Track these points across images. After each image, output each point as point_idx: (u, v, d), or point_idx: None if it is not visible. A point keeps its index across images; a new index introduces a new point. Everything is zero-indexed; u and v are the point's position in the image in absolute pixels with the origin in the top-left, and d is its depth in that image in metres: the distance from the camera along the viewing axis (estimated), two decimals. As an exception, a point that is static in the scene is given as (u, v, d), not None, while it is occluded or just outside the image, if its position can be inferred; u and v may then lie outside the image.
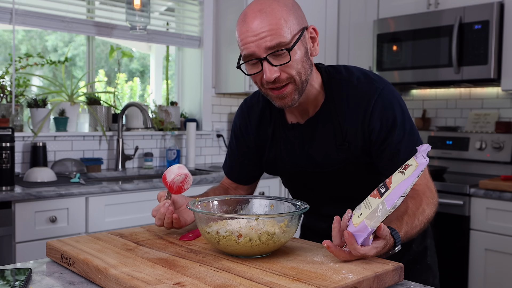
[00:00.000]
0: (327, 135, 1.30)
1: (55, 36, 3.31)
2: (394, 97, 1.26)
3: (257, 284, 0.88)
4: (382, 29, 3.35)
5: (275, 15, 1.14)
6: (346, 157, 1.29)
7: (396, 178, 0.99)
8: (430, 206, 1.20)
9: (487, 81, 3.01)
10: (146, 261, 1.02)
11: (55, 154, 2.92)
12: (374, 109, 1.24)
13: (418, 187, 1.23)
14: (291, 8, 1.18)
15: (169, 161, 3.33)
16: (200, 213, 1.07)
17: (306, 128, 1.32)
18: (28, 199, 2.25)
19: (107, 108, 3.15)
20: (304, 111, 1.32)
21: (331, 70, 1.31)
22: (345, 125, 1.27)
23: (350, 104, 1.26)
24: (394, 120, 1.24)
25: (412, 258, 1.41)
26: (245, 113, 1.45)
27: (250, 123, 1.43)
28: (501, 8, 2.90)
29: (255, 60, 1.17)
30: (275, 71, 1.16)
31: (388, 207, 0.97)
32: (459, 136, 3.28)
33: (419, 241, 1.43)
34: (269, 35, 1.13)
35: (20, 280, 0.96)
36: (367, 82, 1.27)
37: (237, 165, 1.50)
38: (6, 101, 2.79)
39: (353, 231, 1.00)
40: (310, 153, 1.33)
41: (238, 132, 1.47)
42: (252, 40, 1.15)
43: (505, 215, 2.60)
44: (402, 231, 1.09)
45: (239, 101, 3.88)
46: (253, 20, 1.15)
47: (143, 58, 3.82)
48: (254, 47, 1.15)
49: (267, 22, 1.14)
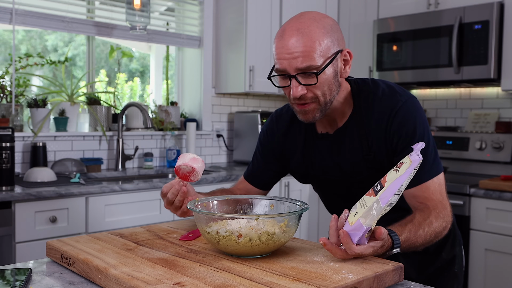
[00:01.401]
0: (354, 146, 1.34)
1: (55, 36, 3.32)
2: (416, 110, 1.29)
3: (257, 284, 0.88)
4: (382, 29, 3.35)
5: (311, 37, 1.18)
6: (372, 166, 1.32)
7: (391, 176, 0.99)
8: (439, 220, 1.20)
9: (487, 81, 3.01)
10: (146, 261, 1.02)
11: (55, 154, 2.92)
12: (395, 119, 1.27)
13: (430, 202, 1.23)
14: (329, 31, 1.22)
15: (169, 161, 3.33)
16: (200, 213, 1.07)
17: (335, 138, 1.37)
18: (28, 199, 2.25)
19: (107, 108, 3.15)
20: (333, 121, 1.37)
21: (360, 83, 1.36)
22: (370, 135, 1.31)
23: (375, 115, 1.30)
24: (414, 131, 1.26)
25: (441, 265, 1.43)
26: (274, 122, 1.51)
27: (278, 131, 1.48)
28: (501, 8, 2.90)
29: (285, 75, 1.23)
30: (301, 89, 1.22)
31: (383, 205, 0.98)
32: (459, 136, 3.28)
33: (449, 249, 1.45)
34: (301, 56, 1.18)
35: (20, 280, 0.96)
36: (391, 94, 1.30)
37: (259, 171, 1.55)
38: (6, 101, 2.79)
39: (348, 230, 1.00)
40: (338, 162, 1.37)
41: (264, 138, 1.53)
42: (285, 57, 1.20)
43: (505, 215, 2.60)
44: (403, 236, 1.10)
45: (239, 101, 3.88)
46: (290, 38, 1.19)
47: (143, 58, 3.82)
48: (286, 64, 1.21)
49: (302, 43, 1.18)
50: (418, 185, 1.24)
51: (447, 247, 1.45)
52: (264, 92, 3.59)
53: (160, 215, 2.68)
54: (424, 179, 1.24)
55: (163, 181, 2.68)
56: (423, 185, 1.24)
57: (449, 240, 1.46)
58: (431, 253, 1.42)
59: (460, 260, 1.49)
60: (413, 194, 1.26)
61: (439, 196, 1.25)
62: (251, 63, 3.45)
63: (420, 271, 1.41)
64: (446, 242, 1.45)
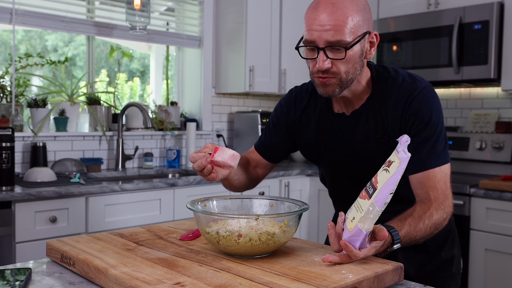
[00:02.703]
0: (369, 128, 1.35)
1: (55, 36, 3.31)
2: (434, 98, 1.31)
3: (257, 284, 0.88)
4: (382, 29, 3.35)
5: (345, 12, 1.19)
6: (385, 150, 1.32)
7: (382, 177, 0.99)
8: (440, 212, 1.20)
9: (487, 81, 3.01)
10: (146, 261, 1.02)
11: (55, 154, 2.92)
12: (412, 104, 1.29)
13: (433, 192, 1.24)
14: (362, 9, 1.23)
15: (169, 161, 3.33)
16: (200, 213, 1.07)
17: (350, 119, 1.38)
18: (28, 199, 2.25)
19: (107, 108, 3.15)
20: (349, 102, 1.38)
21: (380, 69, 1.37)
22: (386, 119, 1.32)
23: (393, 100, 1.32)
24: (429, 118, 1.28)
25: (439, 265, 1.43)
26: (292, 97, 1.51)
27: (295, 107, 1.49)
28: (501, 8, 2.90)
29: (313, 47, 1.24)
30: (328, 62, 1.23)
31: (379, 208, 0.98)
32: (459, 136, 3.28)
33: (448, 248, 1.46)
34: (332, 30, 1.19)
35: (20, 280, 0.96)
36: (411, 81, 1.32)
37: (270, 143, 1.55)
38: (6, 101, 2.79)
39: (348, 237, 1.00)
40: (351, 142, 1.38)
41: (280, 112, 1.53)
42: (316, 29, 1.20)
43: (505, 215, 2.60)
44: (403, 231, 1.10)
45: (239, 101, 3.88)
46: (324, 10, 1.20)
47: (143, 58, 3.82)
48: (316, 36, 1.21)
49: (335, 17, 1.19)
50: (425, 170, 1.25)
51: (447, 246, 1.46)
52: (264, 92, 3.59)
53: (160, 215, 2.68)
54: (431, 166, 1.25)
55: (163, 181, 2.69)
56: (429, 171, 1.25)
57: (448, 239, 1.47)
58: (430, 252, 1.43)
59: (458, 262, 1.49)
60: (418, 180, 1.27)
61: (443, 186, 1.25)
62: (251, 63, 3.45)
63: (418, 269, 1.42)
64: (446, 242, 1.46)
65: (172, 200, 2.74)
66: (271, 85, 3.59)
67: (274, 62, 3.60)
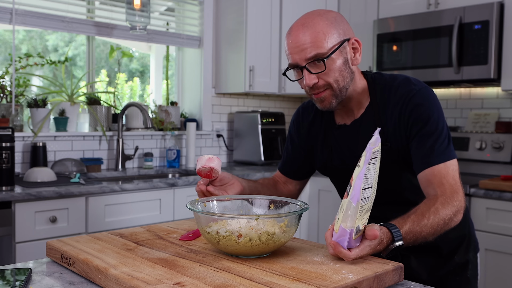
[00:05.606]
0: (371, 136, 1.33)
1: (55, 36, 3.32)
2: (430, 98, 1.32)
3: (257, 284, 0.88)
4: (382, 29, 3.35)
5: (315, 28, 1.28)
6: (388, 156, 1.33)
7: (355, 173, 0.99)
8: (448, 207, 1.19)
9: (487, 81, 3.01)
10: (146, 261, 1.02)
11: (55, 154, 2.92)
12: (409, 104, 1.31)
13: (440, 188, 1.24)
14: (333, 22, 1.30)
15: (169, 161, 3.33)
16: (200, 213, 1.07)
17: (352, 129, 1.42)
18: (28, 199, 2.25)
19: (107, 108, 3.15)
20: (350, 112, 1.42)
21: (377, 76, 1.41)
22: (386, 125, 1.34)
23: (390, 105, 1.35)
24: (428, 116, 1.30)
25: (453, 269, 1.43)
26: (300, 114, 1.58)
27: (303, 124, 1.55)
28: (501, 8, 2.90)
29: (298, 69, 1.32)
30: (313, 78, 1.30)
31: (354, 204, 0.97)
32: (459, 136, 3.28)
33: (463, 253, 1.45)
34: (308, 47, 1.27)
35: (20, 280, 0.96)
36: (406, 85, 1.35)
37: (289, 160, 1.61)
38: (6, 101, 2.79)
39: (336, 238, 1.00)
40: (354, 152, 1.39)
41: (292, 131, 1.60)
42: (294, 51, 1.30)
43: (505, 215, 2.60)
44: (406, 228, 1.09)
45: (239, 101, 3.88)
46: (297, 33, 1.30)
47: (143, 58, 3.82)
48: (297, 58, 1.30)
49: (307, 35, 1.28)
50: (429, 167, 1.26)
51: (461, 250, 1.44)
52: (264, 92, 3.59)
53: (160, 215, 2.68)
54: (435, 162, 1.26)
55: (163, 181, 2.69)
56: (434, 168, 1.25)
57: (463, 243, 1.45)
58: (443, 255, 1.41)
59: (473, 266, 1.47)
60: (425, 178, 1.27)
61: (451, 181, 1.25)
62: (251, 63, 3.45)
63: (431, 273, 1.41)
64: (461, 246, 1.44)
65: (172, 200, 2.74)
66: (271, 85, 3.59)
67: (274, 62, 3.60)
